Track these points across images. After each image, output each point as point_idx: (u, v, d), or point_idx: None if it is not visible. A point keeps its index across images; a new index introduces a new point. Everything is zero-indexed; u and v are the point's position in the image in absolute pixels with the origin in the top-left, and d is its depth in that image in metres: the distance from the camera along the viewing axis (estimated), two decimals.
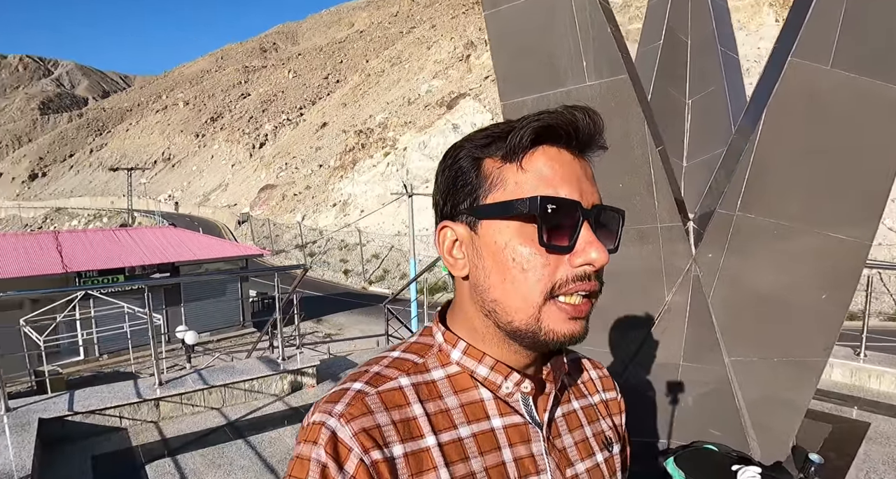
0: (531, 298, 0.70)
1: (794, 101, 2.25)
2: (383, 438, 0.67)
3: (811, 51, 2.21)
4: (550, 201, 0.68)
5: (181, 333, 10.59)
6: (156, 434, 4.16)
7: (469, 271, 0.75)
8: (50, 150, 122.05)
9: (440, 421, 0.72)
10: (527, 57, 2.46)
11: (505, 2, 2.43)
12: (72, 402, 4.23)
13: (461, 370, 0.77)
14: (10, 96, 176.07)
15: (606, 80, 2.29)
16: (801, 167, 2.32)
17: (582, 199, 0.70)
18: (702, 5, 3.63)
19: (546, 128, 0.70)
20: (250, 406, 4.63)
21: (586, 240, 0.69)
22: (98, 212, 67.38)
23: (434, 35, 72.82)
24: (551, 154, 0.71)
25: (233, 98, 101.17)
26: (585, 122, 0.71)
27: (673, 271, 2.43)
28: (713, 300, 2.43)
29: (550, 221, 0.68)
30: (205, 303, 20.04)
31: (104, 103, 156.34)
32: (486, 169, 0.72)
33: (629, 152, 2.34)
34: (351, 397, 0.70)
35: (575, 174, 0.71)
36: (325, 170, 51.07)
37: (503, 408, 0.76)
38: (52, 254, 18.59)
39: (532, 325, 0.71)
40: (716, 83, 3.48)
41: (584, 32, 2.29)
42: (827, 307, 2.46)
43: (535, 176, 0.70)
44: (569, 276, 0.69)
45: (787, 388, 2.60)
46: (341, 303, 26.84)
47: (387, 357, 0.78)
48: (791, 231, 2.36)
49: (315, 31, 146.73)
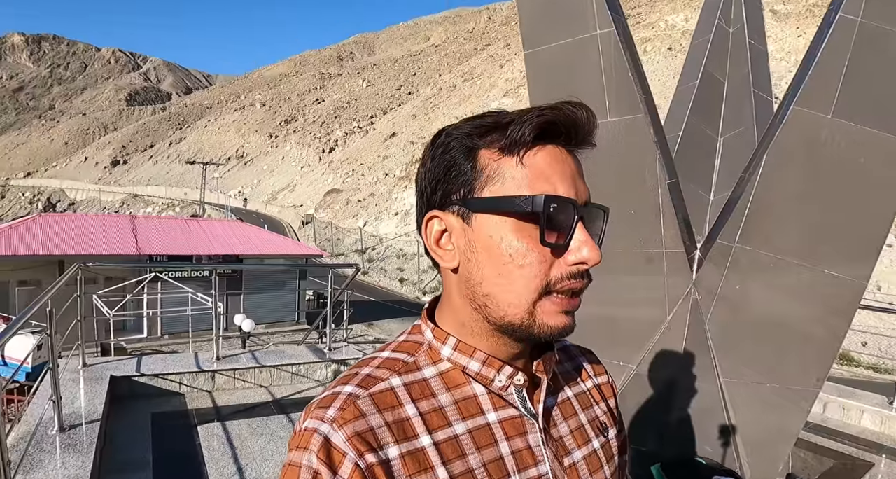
0: (526, 293, 0.69)
1: (794, 146, 2.47)
2: (378, 440, 0.67)
3: (813, 100, 2.43)
4: (554, 200, 0.68)
5: (239, 320, 11.21)
6: (209, 402, 4.63)
7: (459, 264, 0.74)
8: (132, 139, 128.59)
9: (434, 420, 0.71)
10: (558, 93, 2.75)
11: (543, 43, 2.76)
12: (140, 365, 4.76)
13: (452, 367, 0.76)
14: (101, 86, 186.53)
15: (625, 117, 2.58)
16: (799, 207, 2.53)
17: (577, 197, 0.70)
18: (740, 48, 3.86)
19: (548, 123, 0.69)
20: (295, 388, 5.06)
21: (580, 239, 0.69)
22: (171, 201, 70.62)
23: (508, 53, 73.39)
24: (550, 151, 0.70)
25: (307, 103, 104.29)
26: (584, 119, 0.71)
27: (674, 293, 2.68)
28: (710, 324, 2.66)
29: (550, 220, 0.68)
30: (263, 296, 20.90)
31: (186, 99, 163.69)
32: (482, 160, 0.71)
33: (642, 183, 2.62)
34: (342, 401, 0.69)
35: (570, 172, 0.71)
36: (390, 179, 52.09)
37: (497, 402, 0.76)
38: (128, 236, 19.83)
39: (526, 319, 0.70)
40: (746, 123, 3.70)
41: (608, 74, 2.59)
42: (822, 339, 2.65)
43: (535, 172, 0.69)
44: (563, 273, 0.70)
45: (778, 413, 2.77)
46: (394, 310, 27.36)
47: (377, 358, 0.77)
48: (788, 265, 2.57)
49: (391, 42, 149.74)
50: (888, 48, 2.40)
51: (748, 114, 3.72)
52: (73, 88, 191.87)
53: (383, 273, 36.50)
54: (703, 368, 2.74)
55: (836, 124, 2.43)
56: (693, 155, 3.76)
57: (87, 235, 19.35)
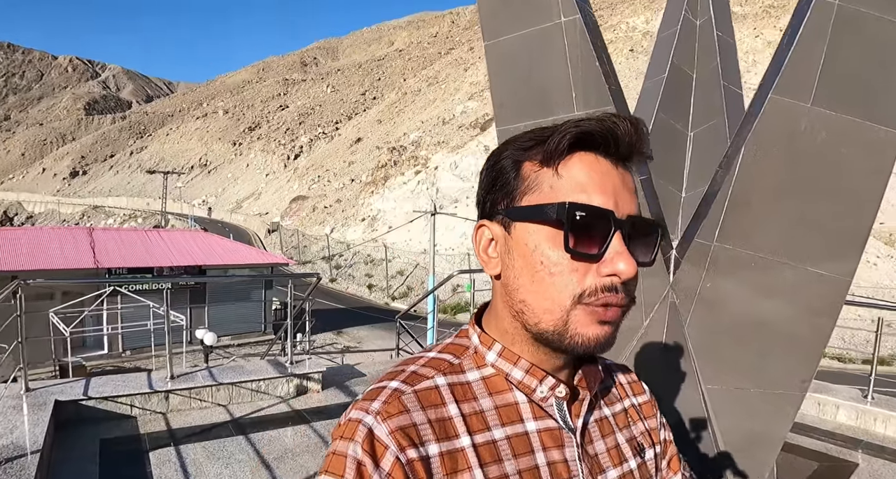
0: (559, 301, 0.70)
1: (773, 137, 2.34)
2: (419, 436, 0.68)
3: (792, 88, 2.30)
4: (580, 208, 0.68)
5: (201, 333, 10.84)
6: (163, 424, 4.34)
7: (501, 271, 0.75)
8: (92, 149, 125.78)
9: (475, 422, 0.72)
10: (521, 86, 2.61)
11: (504, 33, 2.58)
12: (87, 388, 4.45)
13: (496, 373, 0.77)
14: (58, 96, 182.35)
15: (594, 110, 2.42)
16: (779, 201, 2.40)
17: (616, 208, 0.69)
18: (708, 41, 3.74)
19: (584, 134, 0.70)
20: (255, 406, 4.79)
21: (615, 250, 0.68)
22: (133, 212, 69.08)
23: (472, 57, 73.64)
24: (588, 161, 0.71)
25: (271, 109, 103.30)
26: (626, 130, 0.71)
27: (651, 297, 2.52)
28: (689, 328, 2.51)
29: (579, 229, 0.68)
30: (228, 306, 20.43)
31: (147, 108, 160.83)
32: (525, 171, 0.73)
33: None
34: (388, 395, 0.70)
35: (611, 183, 0.71)
36: (356, 184, 51.73)
37: (537, 412, 0.76)
38: (85, 249, 19.19)
39: (559, 327, 0.70)
40: (717, 117, 3.58)
41: (575, 65, 2.43)
42: (806, 340, 2.52)
43: (570, 182, 0.70)
44: (597, 285, 0.69)
45: (764, 419, 2.64)
46: (363, 317, 27.04)
47: (423, 357, 0.78)
48: (769, 263, 2.43)
49: (355, 47, 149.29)
50: (867, 32, 2.28)
51: (719, 107, 3.60)
52: (29, 98, 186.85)
53: (351, 280, 36.13)
54: (684, 375, 2.59)
55: (815, 113, 2.30)
56: (663, 150, 3.63)
57: (42, 250, 18.67)
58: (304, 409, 4.79)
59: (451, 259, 32.78)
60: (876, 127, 2.31)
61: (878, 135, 2.33)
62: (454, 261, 32.60)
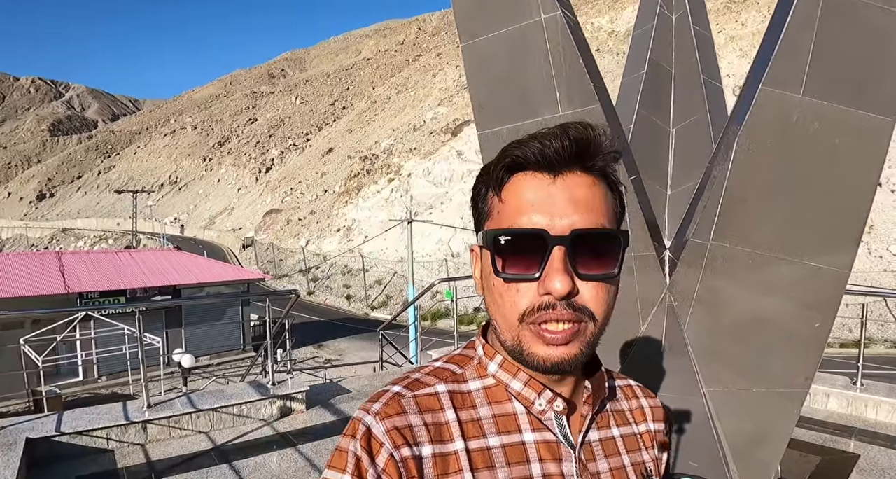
0: (510, 320, 0.73)
1: (765, 129, 2.27)
2: (414, 437, 0.71)
3: (782, 79, 2.24)
4: (504, 233, 0.71)
5: (178, 356, 10.57)
6: (142, 457, 4.15)
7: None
8: (58, 171, 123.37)
9: (470, 429, 0.74)
10: (502, 87, 2.50)
11: (481, 33, 2.48)
12: (60, 422, 4.23)
13: (497, 383, 0.79)
14: (21, 118, 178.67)
15: (579, 109, 2.32)
16: (775, 196, 2.33)
17: (552, 227, 0.69)
18: (685, 36, 3.68)
19: (515, 160, 0.72)
20: (238, 431, 4.61)
21: (551, 268, 0.69)
22: (104, 233, 67.82)
23: (440, 63, 73.77)
24: (525, 182, 0.72)
25: (240, 123, 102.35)
26: (557, 143, 0.70)
27: (647, 301, 2.43)
28: (689, 331, 2.42)
29: (512, 252, 0.71)
30: (205, 326, 20.03)
31: (113, 126, 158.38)
32: (488, 199, 0.77)
33: None
34: (388, 397, 0.74)
35: (550, 200, 0.70)
36: (329, 195, 51.38)
37: (535, 424, 0.77)
38: (54, 274, 18.68)
39: (517, 346, 0.73)
40: (699, 112, 3.51)
41: (557, 63, 2.33)
42: (806, 336, 2.45)
43: (510, 207, 0.72)
44: (534, 305, 0.70)
45: (768, 419, 2.57)
46: (343, 328, 26.76)
47: (429, 366, 0.82)
48: (766, 260, 2.36)
49: (323, 58, 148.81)
50: (856, 19, 2.22)
51: (700, 102, 3.54)
52: None
53: (329, 291, 35.78)
54: (685, 379, 2.50)
55: (807, 103, 2.23)
56: (645, 148, 3.56)
57: (10, 277, 18.11)
58: (288, 431, 4.61)
59: (429, 266, 32.66)
60: (868, 115, 2.25)
61: (870, 123, 2.27)
62: (432, 268, 32.48)
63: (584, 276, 0.70)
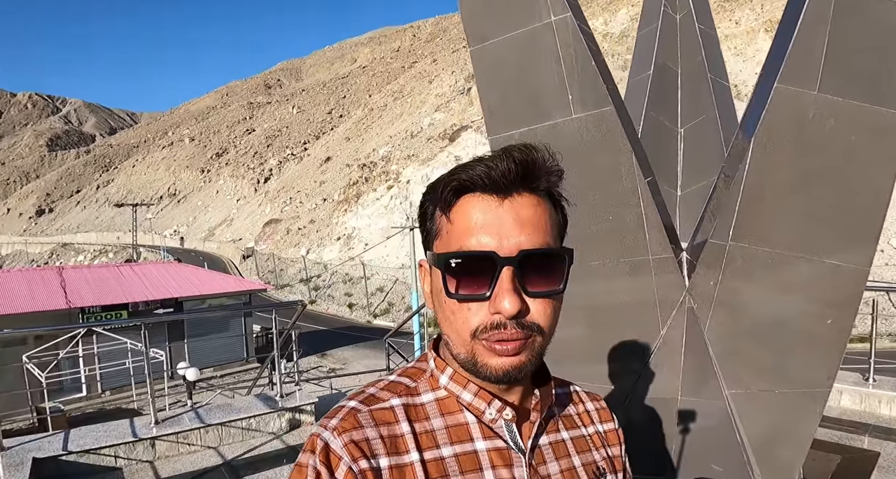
0: (462, 335, 0.75)
1: (781, 127, 2.24)
2: (371, 450, 0.73)
3: (797, 76, 2.21)
4: (454, 256, 0.73)
5: (182, 369, 10.50)
6: (151, 475, 4.10)
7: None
8: (57, 186, 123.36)
9: (425, 440, 0.77)
10: (513, 91, 2.47)
11: (490, 37, 2.45)
12: (67, 441, 4.18)
13: (448, 395, 0.82)
14: (19, 133, 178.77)
15: (592, 112, 2.29)
16: (792, 194, 2.30)
17: (501, 248, 0.72)
18: (690, 34, 3.66)
19: (461, 184, 0.74)
20: (247, 445, 4.56)
21: (500, 288, 0.72)
22: (104, 247, 67.72)
23: (435, 69, 73.89)
24: (473, 204, 0.74)
25: (238, 134, 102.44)
26: (505, 169, 0.72)
27: (666, 303, 2.39)
28: (709, 333, 2.38)
29: (463, 273, 0.73)
30: (208, 338, 19.95)
31: (111, 140, 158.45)
32: (435, 217, 0.79)
33: (617, 184, 2.33)
34: (345, 413, 0.76)
35: (498, 222, 0.73)
36: (329, 204, 51.34)
37: (487, 432, 0.80)
38: (56, 290, 18.61)
39: (470, 358, 0.76)
40: (707, 111, 3.49)
41: (569, 66, 2.30)
42: (828, 335, 2.41)
43: (459, 227, 0.75)
44: (486, 323, 0.73)
45: (790, 420, 2.53)
46: (346, 337, 26.65)
47: (383, 381, 0.85)
48: (786, 259, 2.33)
49: (318, 67, 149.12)
50: (870, 14, 2.19)
51: (708, 102, 3.51)
52: None
53: (331, 300, 35.67)
54: (706, 382, 2.46)
55: (822, 100, 2.20)
56: (654, 149, 3.53)
57: (11, 293, 18.04)
58: (298, 444, 4.57)
59: None
60: (884, 111, 2.23)
61: (886, 119, 2.24)
62: None
63: (532, 293, 0.73)
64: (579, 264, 2.56)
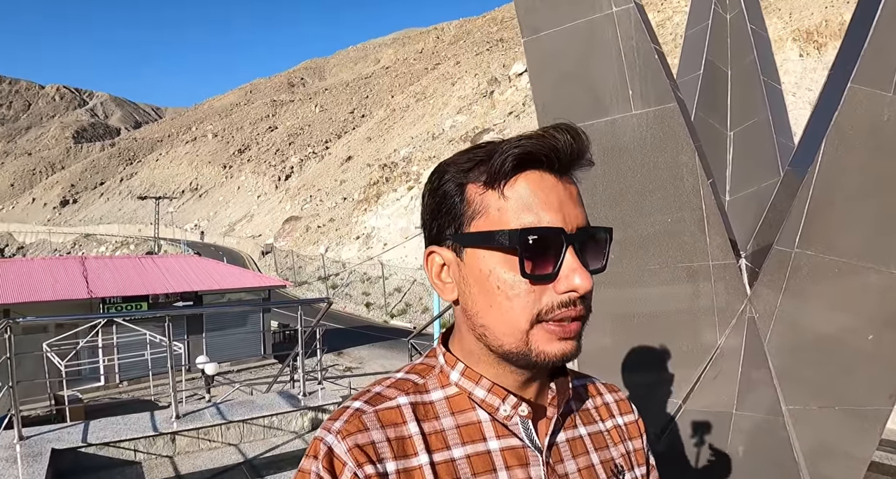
0: (518, 324, 0.71)
1: (854, 130, 2.11)
2: (377, 454, 0.69)
3: (871, 77, 2.09)
4: (531, 232, 0.68)
5: (202, 363, 10.50)
6: (170, 470, 4.03)
7: (458, 296, 0.76)
8: (81, 177, 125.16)
9: (434, 441, 0.73)
10: (568, 85, 2.36)
11: (546, 28, 2.34)
12: (86, 433, 4.13)
13: (459, 392, 0.78)
14: (46, 125, 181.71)
15: (654, 108, 2.17)
16: (863, 199, 2.17)
17: (565, 224, 0.70)
18: (742, 35, 3.52)
19: (527, 154, 0.69)
20: (269, 443, 4.48)
21: (570, 267, 0.69)
22: (125, 239, 68.49)
23: (458, 71, 73.87)
24: (533, 179, 0.71)
25: (260, 131, 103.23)
26: (567, 143, 0.70)
27: (726, 312, 2.26)
28: (769, 344, 2.25)
29: (533, 252, 0.69)
30: (226, 333, 19.99)
31: (136, 134, 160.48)
32: (470, 195, 0.72)
33: (679, 185, 2.20)
34: (349, 414, 0.72)
35: (558, 199, 0.71)
36: (349, 203, 51.47)
37: (501, 430, 0.76)
38: (78, 279, 18.76)
39: (522, 348, 0.71)
40: (759, 114, 3.34)
41: (630, 59, 2.19)
42: (891, 352, 2.28)
43: (517, 203, 0.70)
44: (554, 303, 0.70)
45: (849, 438, 2.39)
46: (363, 336, 26.59)
47: (390, 378, 0.80)
48: (853, 269, 2.19)
49: (342, 66, 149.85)
50: None
51: (760, 104, 3.37)
52: (17, 128, 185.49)
53: (349, 299, 35.66)
54: (765, 397, 2.32)
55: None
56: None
57: (34, 282, 18.22)
58: None
59: None
60: None
61: None
62: None
63: (590, 271, 0.71)
64: (634, 267, 2.43)
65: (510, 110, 47.29)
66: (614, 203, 2.36)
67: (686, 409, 2.37)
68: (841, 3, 34.70)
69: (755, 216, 2.80)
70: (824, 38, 32.46)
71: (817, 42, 32.92)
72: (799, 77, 31.07)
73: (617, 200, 2.33)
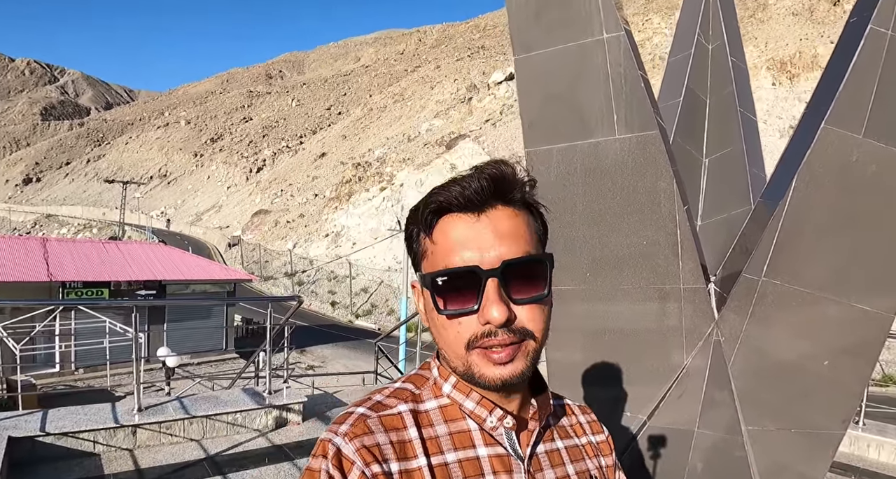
0: (456, 349, 0.79)
1: (825, 168, 2.22)
2: (382, 454, 0.75)
3: (844, 119, 2.19)
4: (441, 275, 0.77)
5: (163, 355, 10.33)
6: (130, 463, 3.97)
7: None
8: (47, 156, 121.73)
9: (430, 446, 0.79)
10: (556, 105, 2.42)
11: (537, 47, 2.40)
12: (45, 421, 4.05)
13: (451, 403, 0.85)
14: (14, 99, 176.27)
15: (637, 134, 2.25)
16: (830, 235, 2.27)
17: (483, 260, 0.76)
18: (722, 66, 3.64)
19: (438, 204, 0.79)
20: (232, 440, 4.45)
21: (488, 299, 0.76)
22: (89, 222, 66.84)
23: (438, 75, 73.96)
24: (450, 223, 0.79)
25: (234, 121, 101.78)
26: (478, 187, 0.77)
27: (694, 334, 2.35)
28: (733, 367, 2.34)
29: (450, 290, 0.78)
30: (188, 325, 19.66)
31: (106, 115, 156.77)
32: (420, 240, 0.83)
33: (656, 209, 2.29)
34: (355, 418, 0.79)
35: (477, 237, 0.77)
36: (320, 200, 51.09)
37: (488, 439, 0.83)
38: (38, 261, 18.28)
39: (467, 370, 0.80)
40: (734, 144, 3.46)
41: (617, 85, 2.26)
42: (847, 379, 2.39)
43: (442, 247, 0.79)
44: (478, 333, 0.77)
45: (803, 459, 2.50)
46: (326, 335, 26.38)
47: (389, 388, 0.88)
48: (816, 300, 2.30)
49: (321, 62, 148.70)
50: None
51: (736, 134, 3.48)
52: None
53: (314, 297, 35.37)
54: (726, 416, 2.42)
55: (867, 145, 2.18)
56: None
57: None
58: (284, 443, 4.46)
59: None
60: None
61: None
62: None
63: (518, 301, 0.77)
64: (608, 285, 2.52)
65: (487, 118, 47.52)
66: (593, 223, 2.43)
67: (650, 425, 2.45)
68: (815, 36, 35.71)
69: (725, 242, 2.90)
70: (797, 69, 33.34)
71: (790, 72, 33.80)
72: (770, 105, 31.84)
73: (596, 219, 2.40)
